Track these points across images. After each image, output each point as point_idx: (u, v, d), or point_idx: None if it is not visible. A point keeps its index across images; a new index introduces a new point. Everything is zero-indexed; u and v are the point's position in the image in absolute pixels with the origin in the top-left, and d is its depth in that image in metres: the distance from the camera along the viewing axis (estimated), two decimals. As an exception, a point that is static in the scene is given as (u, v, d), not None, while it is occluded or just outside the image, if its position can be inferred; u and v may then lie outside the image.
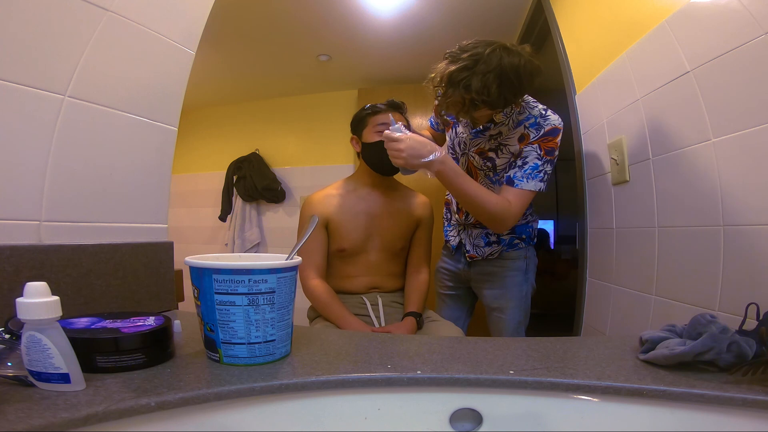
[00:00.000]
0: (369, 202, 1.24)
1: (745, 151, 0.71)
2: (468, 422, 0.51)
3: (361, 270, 1.24)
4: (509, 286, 1.31)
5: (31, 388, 0.44)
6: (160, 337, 0.54)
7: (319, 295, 1.16)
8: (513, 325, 1.33)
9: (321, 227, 1.19)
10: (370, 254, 1.24)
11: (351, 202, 1.23)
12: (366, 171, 1.25)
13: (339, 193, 1.24)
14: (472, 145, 1.18)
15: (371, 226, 1.22)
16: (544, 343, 0.64)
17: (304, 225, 1.19)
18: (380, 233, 1.23)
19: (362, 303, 1.22)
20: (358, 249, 1.22)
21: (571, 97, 1.36)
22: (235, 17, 1.97)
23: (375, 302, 1.22)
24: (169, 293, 0.89)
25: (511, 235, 1.28)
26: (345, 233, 1.20)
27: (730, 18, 0.72)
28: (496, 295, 1.33)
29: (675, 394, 0.47)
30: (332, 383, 0.50)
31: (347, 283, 1.24)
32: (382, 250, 1.24)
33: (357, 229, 1.21)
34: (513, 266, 1.30)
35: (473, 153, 1.19)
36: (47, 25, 0.68)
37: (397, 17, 1.96)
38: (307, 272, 1.18)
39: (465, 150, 1.21)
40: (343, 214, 1.20)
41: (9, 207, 0.65)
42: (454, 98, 0.98)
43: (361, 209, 1.22)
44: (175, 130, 0.93)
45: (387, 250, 1.25)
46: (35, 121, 0.67)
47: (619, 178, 1.09)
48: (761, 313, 0.51)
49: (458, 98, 0.97)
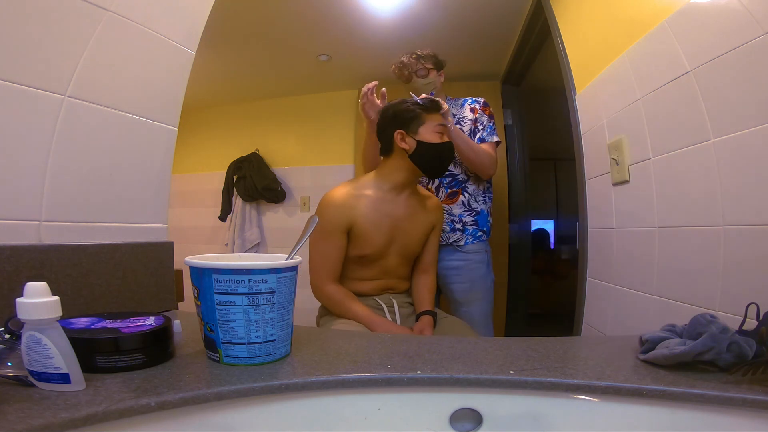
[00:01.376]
0: (394, 206, 1.17)
1: (745, 151, 0.71)
2: (468, 422, 0.51)
3: (377, 273, 1.20)
4: (476, 278, 1.46)
5: (31, 388, 0.44)
6: (160, 337, 0.54)
7: (340, 298, 1.12)
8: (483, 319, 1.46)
9: (341, 233, 1.11)
10: (389, 259, 1.19)
11: (377, 205, 1.14)
12: (401, 169, 1.16)
13: (364, 193, 1.15)
14: None
15: (394, 231, 1.17)
16: (544, 343, 0.64)
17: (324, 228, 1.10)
18: (401, 238, 1.18)
19: (377, 305, 1.19)
20: (379, 255, 1.17)
21: (571, 97, 1.36)
22: (235, 17, 1.96)
23: (390, 304, 1.19)
24: (169, 293, 0.89)
25: (474, 226, 1.50)
26: (368, 239, 1.13)
27: (730, 18, 0.72)
28: (465, 288, 1.45)
29: (675, 394, 0.47)
30: (332, 383, 0.50)
31: (361, 286, 1.19)
32: (400, 255, 1.21)
33: (381, 235, 1.15)
34: (477, 259, 1.48)
35: None
36: (47, 25, 0.68)
37: (397, 17, 1.96)
38: (323, 278, 1.13)
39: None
40: (369, 221, 1.13)
41: (9, 207, 0.65)
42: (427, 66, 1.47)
43: (386, 213, 1.15)
44: (175, 130, 0.93)
45: (405, 255, 1.22)
46: (35, 121, 0.67)
47: (619, 178, 1.09)
48: (761, 313, 0.51)
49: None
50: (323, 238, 1.12)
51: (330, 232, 1.11)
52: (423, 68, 1.49)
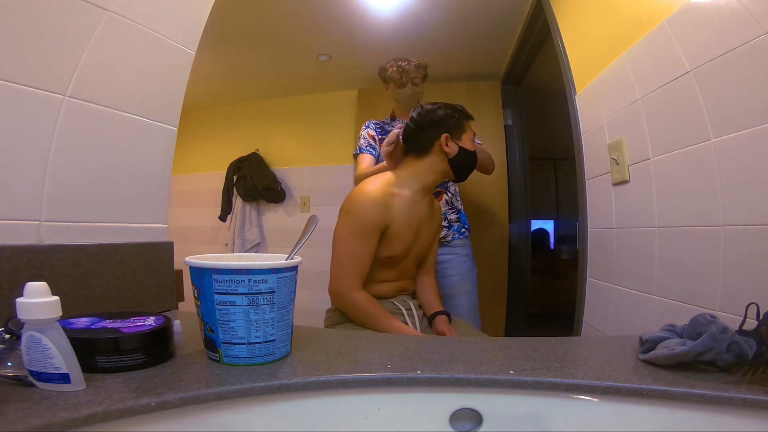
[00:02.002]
0: (420, 207, 1.16)
1: (745, 151, 0.71)
2: (468, 422, 0.51)
3: (397, 275, 1.18)
4: (464, 271, 1.56)
5: (31, 388, 0.44)
6: (160, 337, 0.54)
7: (366, 307, 1.05)
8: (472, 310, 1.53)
9: (378, 233, 1.07)
10: (408, 260, 1.19)
11: (409, 206, 1.13)
12: (434, 172, 1.15)
13: (400, 192, 1.12)
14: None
15: (418, 232, 1.16)
16: (544, 343, 0.64)
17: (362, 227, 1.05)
18: (420, 239, 1.18)
19: (396, 309, 1.16)
20: (404, 256, 1.16)
21: (571, 97, 1.36)
22: (235, 17, 1.96)
23: (408, 307, 1.17)
24: (169, 293, 0.89)
25: (458, 223, 1.62)
26: (399, 241, 1.11)
27: (730, 18, 0.72)
28: (455, 281, 1.53)
29: (675, 394, 0.47)
30: (332, 383, 0.50)
31: (380, 288, 1.15)
32: (417, 256, 1.21)
33: (410, 236, 1.14)
34: (463, 252, 1.58)
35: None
36: (47, 25, 0.68)
37: (397, 17, 1.95)
38: (351, 281, 1.06)
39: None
40: (403, 222, 1.11)
41: (9, 207, 0.65)
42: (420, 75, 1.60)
43: (414, 214, 1.14)
44: (175, 130, 0.93)
45: (419, 256, 1.22)
46: (35, 121, 0.67)
47: (619, 178, 1.09)
48: (761, 313, 0.51)
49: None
50: (358, 238, 1.06)
51: (367, 233, 1.06)
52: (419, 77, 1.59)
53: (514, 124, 2.52)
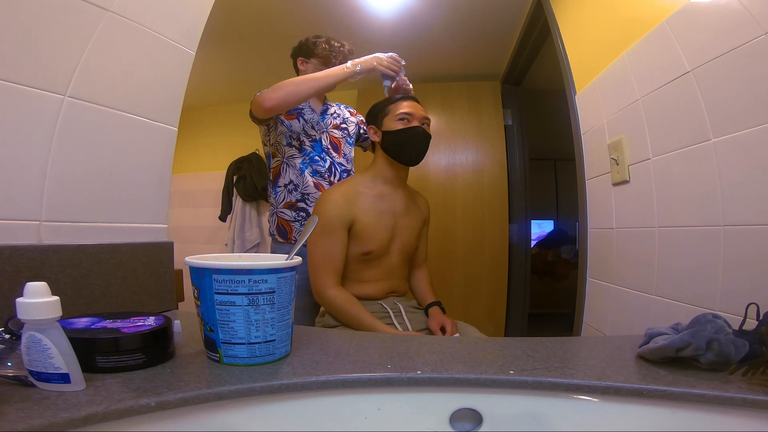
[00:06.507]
0: (391, 201, 1.18)
1: (745, 151, 0.71)
2: (468, 422, 0.51)
3: (382, 274, 1.18)
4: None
5: (31, 388, 0.44)
6: (160, 337, 0.54)
7: (342, 304, 1.07)
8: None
9: (343, 229, 1.10)
10: (392, 256, 1.19)
11: (374, 201, 1.15)
12: (385, 163, 1.18)
13: (360, 190, 1.15)
14: (325, 124, 1.45)
15: (394, 226, 1.17)
16: (544, 343, 0.64)
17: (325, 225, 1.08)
18: (401, 234, 1.19)
19: (383, 310, 1.15)
20: (383, 251, 1.16)
21: (571, 97, 1.36)
22: (235, 17, 1.96)
23: (396, 309, 1.17)
24: (169, 293, 0.89)
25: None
26: (371, 235, 1.12)
27: (730, 18, 0.72)
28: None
29: (675, 394, 0.47)
30: (332, 383, 0.50)
31: (365, 288, 1.16)
32: (402, 252, 1.21)
33: (383, 229, 1.15)
34: None
35: (332, 129, 1.46)
36: (47, 25, 0.68)
37: (397, 17, 1.96)
38: (324, 280, 1.08)
39: (323, 129, 1.44)
40: (369, 214, 1.13)
41: (9, 207, 0.65)
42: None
43: (385, 208, 1.16)
44: (175, 130, 0.93)
45: (405, 251, 1.22)
46: (35, 121, 0.67)
47: (619, 178, 1.09)
48: (761, 313, 0.51)
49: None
50: (323, 236, 1.09)
51: (330, 229, 1.09)
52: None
53: (514, 124, 2.52)
